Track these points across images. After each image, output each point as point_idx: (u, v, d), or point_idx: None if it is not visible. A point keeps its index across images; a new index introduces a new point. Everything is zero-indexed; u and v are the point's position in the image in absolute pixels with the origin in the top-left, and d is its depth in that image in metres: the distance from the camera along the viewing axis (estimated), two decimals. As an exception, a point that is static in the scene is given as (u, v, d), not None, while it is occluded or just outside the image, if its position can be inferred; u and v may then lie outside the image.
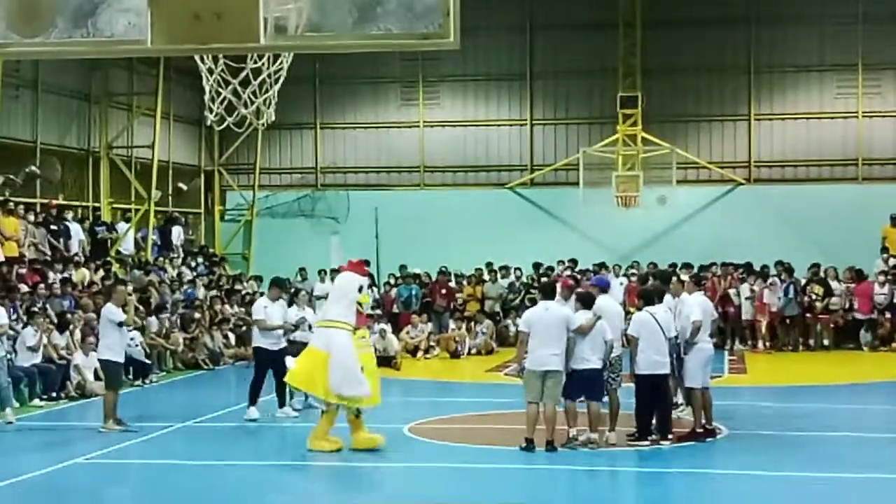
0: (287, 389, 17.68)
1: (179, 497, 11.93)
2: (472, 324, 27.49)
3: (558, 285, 16.35)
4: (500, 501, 11.77)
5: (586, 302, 14.41)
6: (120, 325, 15.72)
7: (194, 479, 12.89)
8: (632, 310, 18.36)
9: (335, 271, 30.28)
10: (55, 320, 19.96)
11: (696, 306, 14.83)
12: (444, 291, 28.97)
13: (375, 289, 30.45)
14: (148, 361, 21.47)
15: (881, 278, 27.25)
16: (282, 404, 16.91)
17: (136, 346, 21.32)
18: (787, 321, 27.13)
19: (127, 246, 27.63)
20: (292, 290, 22.98)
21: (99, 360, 16.48)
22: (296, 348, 18.03)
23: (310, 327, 18.15)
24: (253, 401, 16.65)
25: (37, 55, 5.13)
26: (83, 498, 12.28)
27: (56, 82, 27.24)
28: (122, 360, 16.08)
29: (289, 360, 14.44)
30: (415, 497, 11.49)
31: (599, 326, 13.95)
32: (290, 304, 18.51)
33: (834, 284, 27.25)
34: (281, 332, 17.05)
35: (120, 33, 4.78)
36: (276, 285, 18.03)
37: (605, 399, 14.45)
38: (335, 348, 13.53)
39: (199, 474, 13.14)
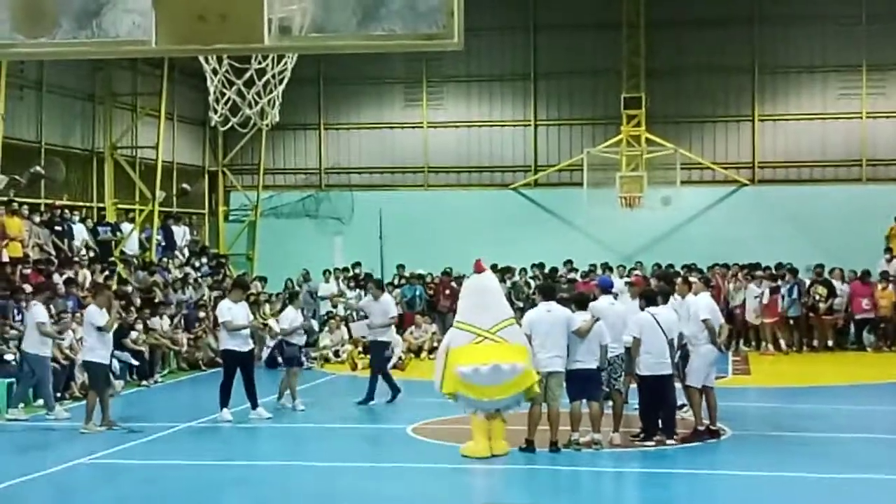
0: (280, 389, 17.74)
1: (183, 497, 11.94)
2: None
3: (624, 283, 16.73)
4: (505, 502, 11.79)
5: (580, 303, 14.44)
6: (99, 329, 15.64)
7: (197, 479, 12.90)
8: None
9: (349, 272, 30.53)
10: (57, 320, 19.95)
11: (703, 307, 14.83)
12: (447, 292, 28.96)
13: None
14: (136, 363, 21.23)
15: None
16: (254, 406, 16.90)
17: (136, 344, 21.33)
18: (791, 322, 27.13)
19: (131, 246, 27.63)
20: (291, 292, 22.98)
21: (83, 361, 16.42)
22: (292, 351, 18.07)
23: (310, 330, 18.23)
24: (224, 403, 16.61)
25: (41, 56, 5.14)
26: (87, 498, 12.30)
27: (60, 83, 27.25)
28: (106, 361, 16.00)
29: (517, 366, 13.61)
30: (419, 498, 11.49)
31: (597, 329, 13.95)
32: (284, 307, 18.57)
33: (837, 285, 27.24)
34: (248, 332, 17.01)
35: (124, 34, 4.79)
36: (239, 286, 18.00)
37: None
38: (524, 342, 13.70)
39: (202, 474, 13.16)
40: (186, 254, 29.63)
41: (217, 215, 34.33)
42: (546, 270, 29.02)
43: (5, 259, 22.14)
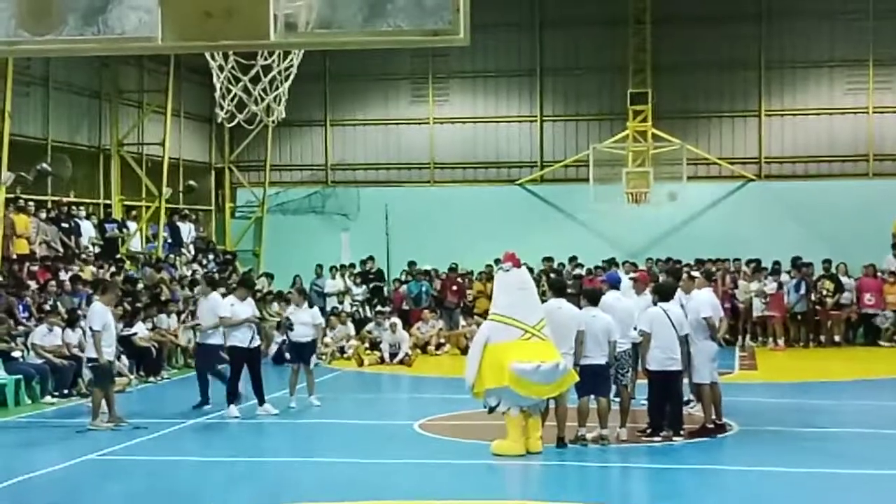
0: (291, 385, 17.69)
1: (190, 493, 11.95)
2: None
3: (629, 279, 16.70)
4: (511, 498, 11.79)
5: (592, 298, 14.42)
6: (93, 329, 15.55)
7: (205, 475, 12.92)
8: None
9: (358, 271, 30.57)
10: (65, 317, 19.98)
11: (705, 303, 14.82)
12: (454, 288, 28.98)
13: (384, 286, 30.58)
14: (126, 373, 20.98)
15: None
16: (261, 402, 16.90)
17: (143, 341, 21.35)
18: (798, 317, 27.10)
19: (136, 244, 27.62)
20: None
21: (87, 358, 16.40)
22: (283, 348, 18.04)
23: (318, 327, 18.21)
24: (231, 399, 16.61)
25: (48, 52, 5.16)
26: (96, 494, 12.31)
27: (67, 80, 27.27)
28: (110, 358, 15.98)
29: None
30: (425, 494, 11.49)
31: (605, 324, 13.93)
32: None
33: (844, 280, 27.21)
34: (254, 329, 16.95)
35: (130, 30, 4.79)
36: (245, 285, 17.97)
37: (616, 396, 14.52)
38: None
39: (209, 471, 13.17)
40: (192, 251, 29.66)
41: (223, 212, 34.37)
42: (554, 265, 29.03)
43: (13, 256, 22.16)
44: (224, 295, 18.23)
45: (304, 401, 17.68)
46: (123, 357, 20.29)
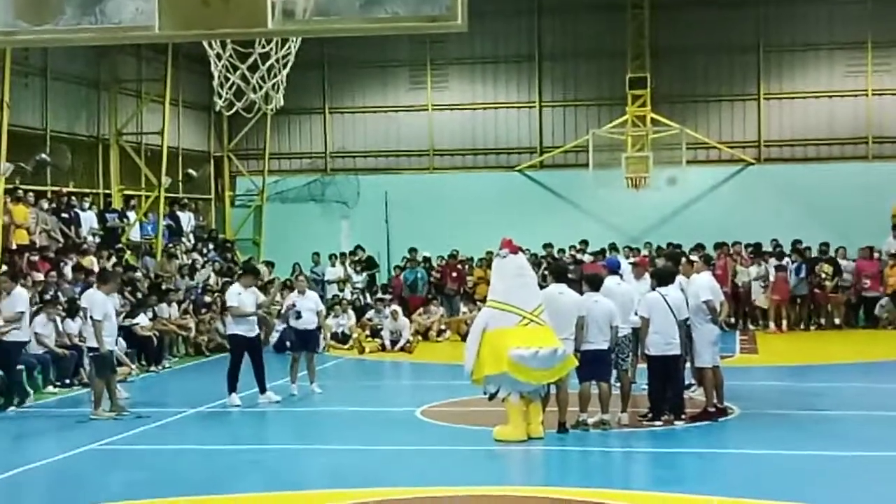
0: (293, 372, 17.72)
1: (193, 482, 11.96)
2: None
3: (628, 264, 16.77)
4: (514, 484, 11.82)
5: (594, 283, 14.42)
6: (94, 319, 15.54)
7: (207, 463, 12.94)
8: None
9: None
10: (65, 307, 19.96)
11: (704, 287, 14.82)
12: (454, 275, 28.99)
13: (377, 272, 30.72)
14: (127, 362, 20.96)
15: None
16: (262, 391, 16.93)
17: (144, 330, 21.36)
18: (798, 300, 27.13)
19: (136, 233, 27.61)
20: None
21: (87, 347, 16.41)
22: (284, 335, 18.05)
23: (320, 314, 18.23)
24: (232, 388, 16.64)
25: (46, 43, 5.15)
26: (98, 483, 12.32)
27: (65, 70, 27.24)
28: (112, 348, 15.97)
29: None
30: (427, 480, 11.52)
31: (607, 309, 13.95)
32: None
33: (843, 263, 27.24)
34: (255, 318, 16.99)
35: (128, 20, 4.79)
36: (249, 273, 17.97)
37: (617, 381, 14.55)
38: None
39: (211, 459, 13.20)
40: (192, 240, 29.66)
41: (223, 200, 34.36)
42: (554, 251, 29.05)
43: (13, 247, 22.14)
44: (228, 283, 18.25)
45: (306, 388, 17.72)
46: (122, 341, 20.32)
